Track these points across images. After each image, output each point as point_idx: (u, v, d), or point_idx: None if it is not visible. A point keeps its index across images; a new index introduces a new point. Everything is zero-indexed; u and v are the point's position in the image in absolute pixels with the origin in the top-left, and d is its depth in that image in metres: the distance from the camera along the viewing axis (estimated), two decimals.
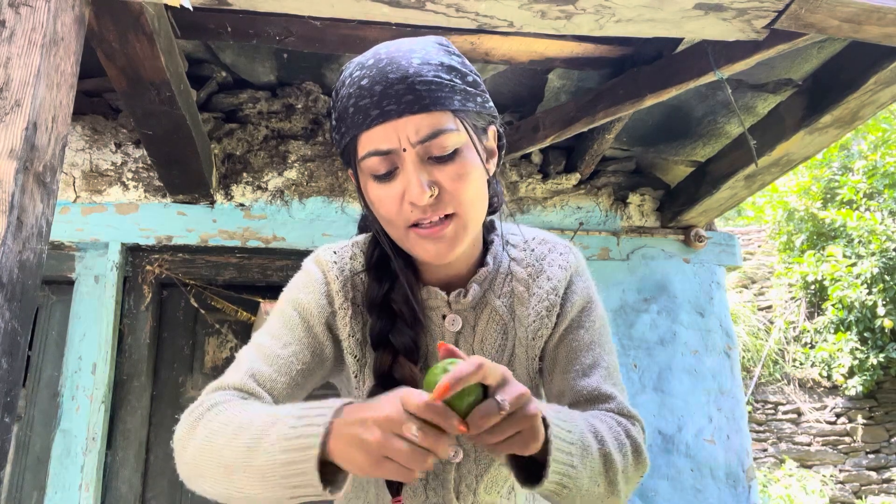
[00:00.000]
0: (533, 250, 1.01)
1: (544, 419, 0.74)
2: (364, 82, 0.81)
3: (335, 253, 1.00)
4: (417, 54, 0.82)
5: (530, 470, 0.79)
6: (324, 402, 0.74)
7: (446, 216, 0.83)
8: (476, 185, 0.85)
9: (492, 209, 1.00)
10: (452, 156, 0.82)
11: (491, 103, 0.91)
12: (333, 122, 0.88)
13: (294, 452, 0.69)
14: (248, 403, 0.83)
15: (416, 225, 0.83)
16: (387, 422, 0.66)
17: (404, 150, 0.80)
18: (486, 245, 0.99)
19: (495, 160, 0.93)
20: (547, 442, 0.74)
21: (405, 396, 0.67)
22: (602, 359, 0.97)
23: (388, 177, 0.82)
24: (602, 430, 0.84)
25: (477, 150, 0.86)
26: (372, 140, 0.81)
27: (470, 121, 0.85)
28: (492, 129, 0.91)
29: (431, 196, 0.80)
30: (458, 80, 0.83)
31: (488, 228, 1.01)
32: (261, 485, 0.72)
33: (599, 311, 1.02)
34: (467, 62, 0.88)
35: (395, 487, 0.85)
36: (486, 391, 0.70)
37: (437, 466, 0.95)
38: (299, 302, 0.96)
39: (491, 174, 0.91)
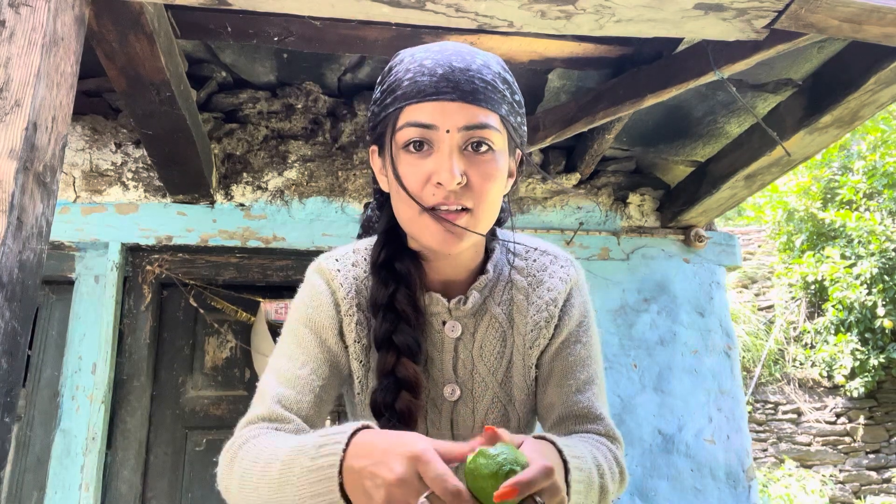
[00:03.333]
0: (535, 260, 1.02)
1: (565, 463, 0.75)
2: (427, 62, 0.84)
3: (337, 261, 1.00)
4: (481, 56, 0.87)
5: None
6: (339, 429, 0.74)
7: (463, 209, 0.84)
8: (497, 191, 0.87)
9: (498, 223, 1.03)
10: (487, 154, 0.84)
11: (525, 128, 0.94)
12: (377, 95, 0.90)
13: (317, 485, 0.70)
14: (275, 436, 0.84)
15: (432, 209, 0.83)
16: (398, 488, 0.64)
17: (447, 131, 0.82)
18: (488, 253, 1.00)
19: (512, 181, 0.95)
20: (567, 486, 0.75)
21: (423, 464, 0.64)
22: (596, 375, 0.99)
23: (419, 149, 0.84)
24: (603, 465, 0.87)
25: (506, 160, 0.89)
26: (417, 112, 0.83)
27: (509, 131, 0.88)
28: (518, 153, 0.94)
29: (460, 184, 0.82)
30: (508, 94, 0.88)
31: (491, 236, 1.01)
32: None
33: (594, 325, 1.04)
34: (517, 85, 0.92)
35: None
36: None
37: None
38: (309, 318, 0.96)
39: (505, 192, 0.93)
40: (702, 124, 2.81)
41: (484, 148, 0.83)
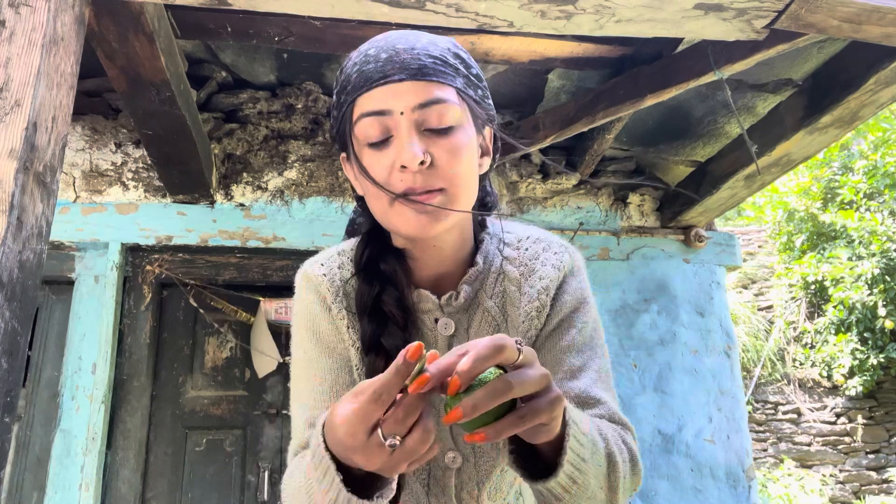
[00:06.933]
0: (527, 249, 0.97)
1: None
2: (371, 51, 0.82)
3: (322, 265, 0.97)
4: (427, 37, 0.84)
5: (531, 461, 0.75)
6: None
7: (436, 190, 0.81)
8: (469, 167, 0.83)
9: (485, 209, 0.99)
10: (449, 130, 0.81)
11: (491, 102, 0.90)
12: (334, 100, 0.87)
13: (324, 482, 0.68)
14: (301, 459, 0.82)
15: (403, 196, 0.80)
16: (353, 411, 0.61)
17: (401, 113, 0.79)
18: (478, 245, 0.97)
19: (488, 160, 0.92)
20: (564, 426, 0.69)
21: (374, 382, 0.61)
22: (593, 361, 0.92)
23: (380, 144, 0.81)
24: (606, 431, 0.81)
25: (473, 135, 0.85)
26: (369, 101, 0.80)
27: (470, 105, 0.85)
28: (488, 130, 0.91)
29: (424, 163, 0.78)
30: (462, 67, 0.85)
31: (480, 227, 0.99)
32: None
33: (593, 313, 0.97)
34: (473, 60, 0.89)
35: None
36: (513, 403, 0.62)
37: (437, 472, 0.92)
38: (311, 331, 0.94)
39: (483, 172, 0.90)
40: (702, 124, 2.81)
41: (444, 124, 0.80)
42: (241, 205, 2.71)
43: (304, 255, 2.73)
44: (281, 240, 2.68)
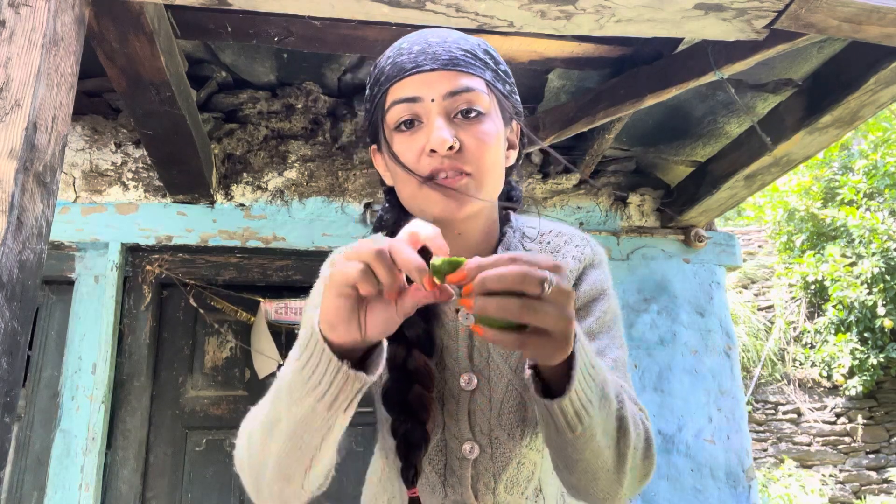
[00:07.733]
0: (549, 243, 1.00)
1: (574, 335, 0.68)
2: (404, 45, 0.86)
3: None
4: (457, 33, 0.89)
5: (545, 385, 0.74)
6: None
7: (463, 173, 0.83)
8: (496, 155, 0.86)
9: (511, 203, 1.02)
10: (478, 117, 0.84)
11: (518, 98, 0.94)
12: (367, 93, 0.91)
13: (305, 355, 0.67)
14: None
15: (431, 178, 0.83)
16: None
17: (432, 100, 0.82)
18: (501, 238, 0.98)
19: (514, 154, 0.95)
20: (571, 358, 0.67)
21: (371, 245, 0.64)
22: (610, 350, 0.92)
23: (410, 127, 0.84)
24: (623, 397, 0.79)
25: (501, 127, 0.87)
26: (401, 89, 0.84)
27: (498, 97, 0.88)
28: (515, 124, 0.94)
29: (452, 148, 0.81)
30: (491, 63, 0.88)
31: (503, 221, 1.00)
32: (292, 409, 0.69)
33: (612, 304, 0.97)
34: (501, 58, 0.93)
35: (409, 479, 0.84)
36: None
37: (454, 463, 0.92)
38: None
39: (509, 165, 0.93)
40: (702, 124, 2.81)
41: (473, 113, 0.84)
42: (241, 205, 2.71)
43: (304, 255, 2.75)
44: (281, 240, 2.68)
